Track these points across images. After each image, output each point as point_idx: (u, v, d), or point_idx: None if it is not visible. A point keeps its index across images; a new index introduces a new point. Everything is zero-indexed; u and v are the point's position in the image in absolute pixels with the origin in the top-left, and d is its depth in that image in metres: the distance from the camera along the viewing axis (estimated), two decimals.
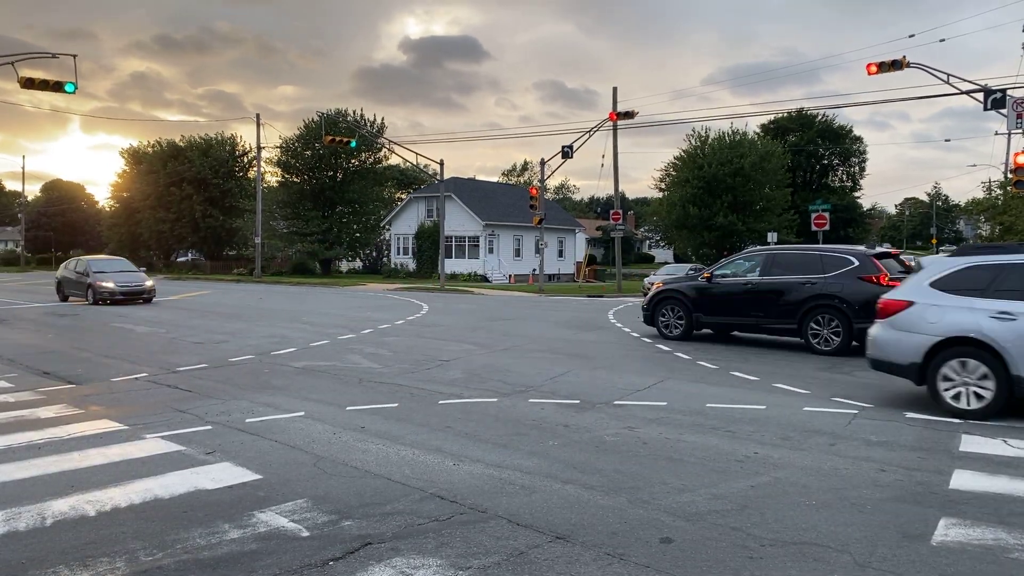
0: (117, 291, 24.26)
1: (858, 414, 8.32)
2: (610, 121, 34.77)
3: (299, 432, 7.47)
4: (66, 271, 27.02)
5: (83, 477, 5.94)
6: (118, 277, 25.00)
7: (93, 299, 24.21)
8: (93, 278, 24.54)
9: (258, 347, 13.99)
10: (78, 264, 26.42)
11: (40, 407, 8.67)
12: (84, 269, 25.37)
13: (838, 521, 5.00)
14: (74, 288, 25.72)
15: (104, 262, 26.81)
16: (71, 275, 26.17)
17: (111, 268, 25.89)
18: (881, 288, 12.63)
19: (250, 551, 4.49)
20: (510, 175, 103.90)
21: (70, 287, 26.11)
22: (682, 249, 58.48)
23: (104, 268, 25.63)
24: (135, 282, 25.13)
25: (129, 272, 26.18)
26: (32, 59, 22.08)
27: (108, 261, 27.42)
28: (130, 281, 25.01)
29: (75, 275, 25.77)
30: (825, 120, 70.49)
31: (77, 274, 25.62)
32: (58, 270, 28.42)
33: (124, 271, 26.06)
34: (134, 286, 24.84)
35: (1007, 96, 21.09)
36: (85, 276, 24.96)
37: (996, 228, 35.20)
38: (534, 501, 5.38)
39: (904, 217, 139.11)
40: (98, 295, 24.06)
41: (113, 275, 25.05)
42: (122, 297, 24.28)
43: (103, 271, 25.25)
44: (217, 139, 60.90)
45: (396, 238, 57.40)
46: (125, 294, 24.47)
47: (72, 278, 25.95)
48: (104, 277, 24.64)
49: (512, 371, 11.28)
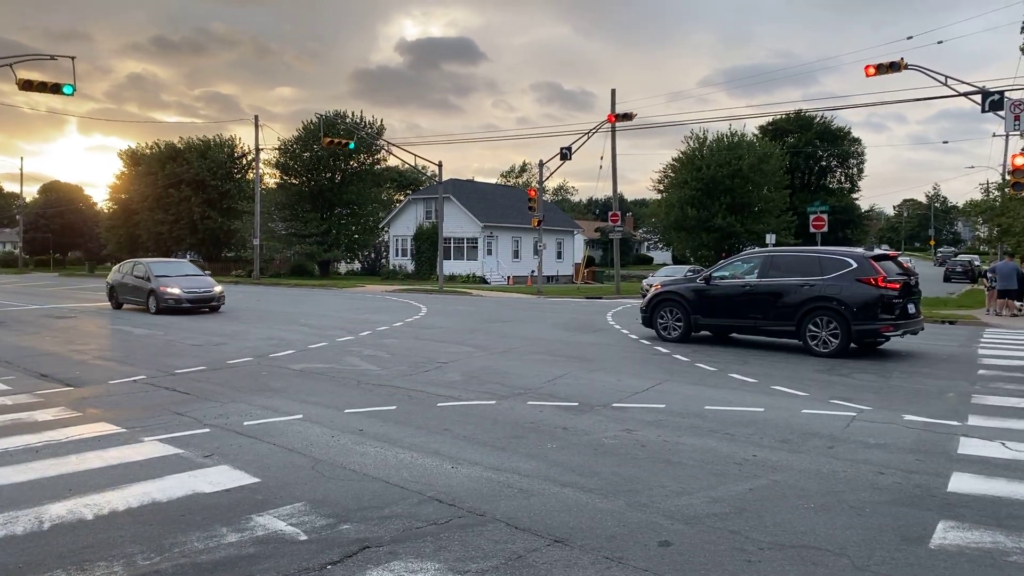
0: (184, 298, 21.58)
1: (856, 416, 8.32)
2: (608, 123, 34.79)
3: (297, 435, 7.46)
4: (120, 275, 24.11)
5: (81, 480, 5.92)
6: (184, 282, 22.21)
7: (156, 307, 21.54)
8: (156, 283, 21.83)
9: (256, 349, 13.98)
10: (135, 267, 23.54)
11: (38, 410, 8.66)
12: (144, 273, 22.59)
13: (836, 524, 5.00)
14: (131, 295, 23.06)
15: (166, 265, 23.99)
16: (128, 280, 23.40)
17: (175, 272, 23.10)
18: (880, 290, 12.66)
19: (248, 555, 4.48)
20: (509, 176, 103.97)
21: (126, 293, 23.44)
22: (680, 251, 58.52)
23: (167, 272, 22.81)
24: (203, 288, 22.36)
25: (195, 276, 23.33)
26: (29, 61, 22.07)
27: (170, 264, 24.69)
28: (197, 287, 22.25)
29: (133, 280, 23.06)
30: (823, 122, 70.68)
31: (136, 279, 22.89)
32: (110, 274, 25.51)
33: (189, 275, 23.21)
34: (203, 292, 22.13)
35: (1005, 98, 21.10)
36: (146, 281, 22.25)
37: (994, 230, 35.26)
38: (532, 504, 5.38)
39: (902, 219, 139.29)
40: (162, 303, 21.42)
41: (178, 280, 22.26)
42: (189, 305, 21.66)
43: (166, 275, 22.41)
44: (215, 141, 60.89)
45: (395, 240, 57.39)
46: (193, 302, 21.79)
47: (129, 283, 23.24)
48: (169, 282, 21.90)
49: (511, 373, 11.28)
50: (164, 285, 21.68)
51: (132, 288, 23.03)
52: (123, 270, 24.17)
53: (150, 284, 22.00)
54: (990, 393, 9.75)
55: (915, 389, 10.06)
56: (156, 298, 21.56)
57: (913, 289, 13.54)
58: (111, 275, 24.95)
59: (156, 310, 21.49)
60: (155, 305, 21.56)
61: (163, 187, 57.40)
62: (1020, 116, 20.70)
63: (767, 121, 70.46)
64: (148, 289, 22.00)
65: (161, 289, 21.56)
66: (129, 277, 23.40)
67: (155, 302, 21.59)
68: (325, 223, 52.76)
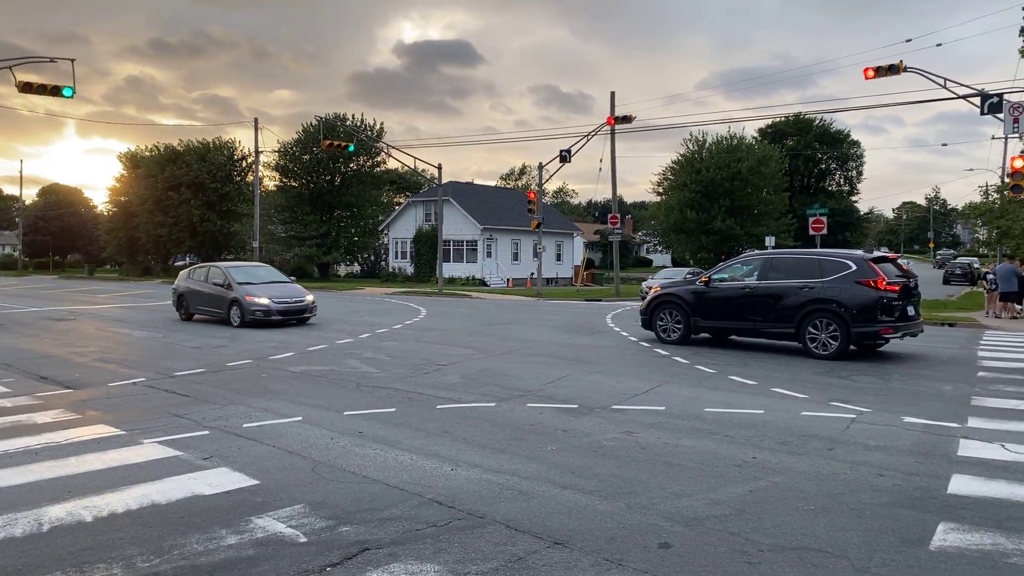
0: (274, 309, 18.58)
1: (856, 418, 8.32)
2: (608, 125, 34.82)
3: (297, 437, 7.45)
4: (192, 282, 20.96)
5: (80, 482, 5.92)
6: (271, 291, 19.17)
7: (241, 319, 18.60)
8: (240, 291, 18.83)
9: (255, 352, 13.98)
10: (211, 273, 20.40)
11: (37, 412, 8.65)
12: (224, 280, 19.52)
13: (836, 526, 4.99)
14: (206, 304, 20.01)
15: (246, 270, 20.82)
16: (202, 287, 20.31)
17: (258, 278, 20.06)
18: (879, 292, 12.67)
19: (247, 557, 4.48)
20: (508, 179, 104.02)
21: (200, 303, 20.35)
22: (680, 253, 58.55)
23: (250, 278, 19.81)
24: (294, 297, 19.36)
25: (282, 283, 20.27)
26: (27, 63, 22.07)
27: (250, 269, 21.38)
28: (288, 296, 19.25)
29: (209, 288, 19.93)
30: (822, 124, 70.78)
31: (213, 286, 19.74)
32: (177, 280, 22.03)
33: (275, 282, 20.20)
34: (294, 302, 19.13)
35: (1004, 100, 21.13)
36: (226, 289, 19.25)
37: (993, 232, 35.29)
38: (532, 506, 5.38)
39: (901, 221, 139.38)
40: (248, 315, 18.45)
41: (264, 287, 19.30)
42: (280, 318, 18.63)
43: (250, 282, 19.47)
44: (215, 144, 60.91)
45: (394, 242, 57.40)
46: (284, 313, 18.77)
47: (203, 291, 20.14)
48: (255, 291, 18.92)
49: (510, 375, 11.28)
50: (250, 294, 18.73)
51: (208, 297, 19.96)
52: (195, 276, 21.14)
53: (232, 293, 19.01)
54: (990, 395, 9.75)
55: (915, 391, 10.06)
56: (241, 309, 18.63)
57: (912, 291, 13.54)
58: (179, 281, 21.73)
59: (241, 323, 18.58)
60: (239, 317, 18.65)
61: (163, 190, 57.35)
62: (1019, 118, 20.72)
63: (766, 124, 70.64)
64: (230, 299, 19.01)
65: (247, 299, 18.59)
66: (203, 284, 20.36)
67: (239, 313, 18.68)
68: (324, 225, 52.78)
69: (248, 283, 19.32)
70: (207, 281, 20.21)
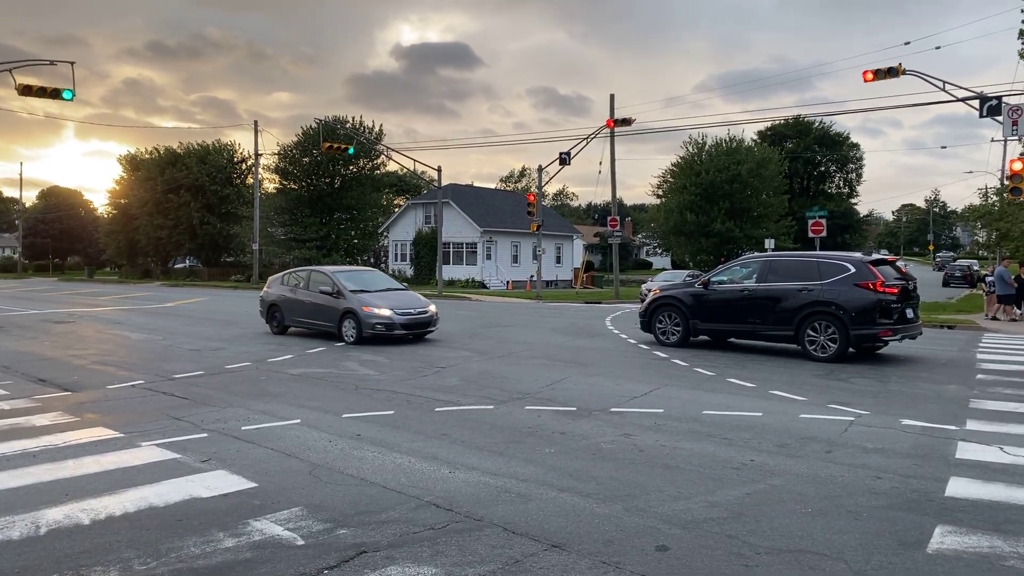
0: (397, 322, 15.58)
1: (854, 421, 8.32)
2: (607, 128, 34.85)
3: (295, 440, 7.46)
4: (287, 288, 17.67)
5: (78, 485, 5.92)
6: (390, 299, 16.25)
7: (358, 334, 15.57)
8: (354, 301, 15.85)
9: (254, 354, 13.98)
10: (313, 278, 17.20)
11: (35, 415, 8.65)
12: (331, 287, 16.38)
13: (834, 529, 4.99)
14: (309, 315, 16.88)
15: (356, 275, 17.69)
16: (303, 296, 17.09)
17: (371, 284, 17.11)
18: (878, 294, 12.67)
19: (245, 560, 4.48)
20: (508, 181, 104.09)
21: (299, 313, 17.17)
22: (680, 256, 58.56)
23: (363, 284, 16.83)
24: (417, 307, 16.37)
25: (397, 291, 17.34)
26: (25, 66, 22.07)
27: (360, 274, 18.15)
28: (410, 306, 16.26)
29: (313, 296, 16.75)
30: (822, 127, 70.82)
31: (319, 294, 16.53)
32: (267, 286, 18.62)
33: (390, 289, 17.29)
34: (418, 313, 16.13)
35: (1003, 103, 21.16)
36: (335, 298, 16.16)
37: (993, 234, 35.30)
38: (530, 509, 5.38)
39: (901, 224, 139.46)
40: (367, 328, 15.44)
41: (380, 295, 16.39)
42: (403, 332, 15.76)
43: (364, 289, 16.55)
44: (215, 146, 60.96)
45: (394, 245, 57.40)
46: (408, 327, 15.83)
47: (304, 300, 16.99)
48: (372, 299, 15.98)
49: (509, 378, 11.28)
50: (368, 304, 15.75)
51: (311, 307, 16.79)
52: (290, 282, 17.83)
53: (344, 302, 15.96)
54: (988, 398, 9.75)
55: (913, 394, 10.06)
56: (357, 322, 15.59)
57: (911, 294, 13.55)
58: (270, 288, 18.31)
59: (356, 338, 15.60)
60: (355, 331, 15.65)
61: (162, 192, 57.40)
62: (1018, 121, 20.75)
63: (765, 126, 70.71)
64: (342, 310, 15.95)
65: (365, 310, 15.57)
66: (303, 292, 17.13)
67: (354, 327, 15.66)
68: (324, 228, 52.78)
69: (362, 291, 16.40)
70: (308, 288, 17.02)
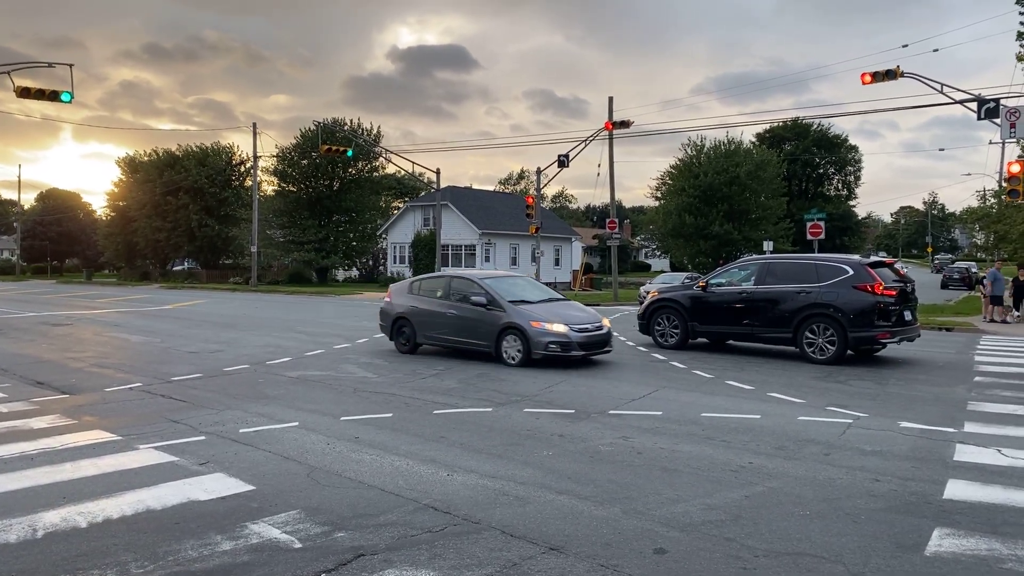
0: (575, 340, 12.56)
1: (853, 423, 8.32)
2: (606, 130, 34.88)
3: (293, 442, 7.45)
4: (421, 298, 14.48)
5: (75, 488, 5.91)
6: (558, 312, 13.15)
7: (524, 355, 12.58)
8: (517, 314, 12.80)
9: (253, 357, 13.96)
10: (456, 286, 14.08)
11: (33, 417, 8.64)
12: (484, 296, 13.23)
13: (832, 531, 4.99)
14: (454, 331, 13.64)
15: (507, 282, 14.24)
16: (443, 307, 13.90)
17: (528, 293, 13.94)
18: (876, 297, 12.68)
19: (242, 563, 4.47)
20: (507, 184, 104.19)
21: (438, 328, 13.90)
22: (678, 258, 58.55)
23: (521, 293, 13.71)
24: (592, 322, 13.22)
25: (560, 302, 14.09)
26: (24, 68, 22.05)
27: (509, 280, 14.56)
28: (584, 321, 13.10)
29: (457, 307, 13.63)
30: (820, 129, 70.87)
31: (470, 305, 13.36)
32: (391, 295, 15.25)
33: (551, 299, 14.06)
34: (595, 330, 13.05)
35: (1000, 106, 21.19)
36: (491, 311, 13.05)
37: (991, 236, 35.36)
38: (528, 512, 5.37)
39: (899, 226, 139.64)
40: (538, 347, 12.46)
41: (545, 307, 13.29)
42: (581, 353, 12.72)
43: (524, 299, 13.42)
44: (213, 148, 60.96)
45: (393, 247, 57.43)
46: (587, 346, 12.81)
47: (447, 313, 13.75)
48: (539, 312, 12.94)
49: (507, 380, 11.27)
50: (537, 318, 12.71)
51: (454, 321, 13.60)
52: (422, 290, 14.72)
53: (503, 316, 12.91)
54: (986, 400, 9.75)
55: (911, 396, 10.06)
56: (524, 340, 12.55)
57: (910, 296, 13.57)
58: (397, 298, 14.97)
59: (523, 359, 12.59)
60: (520, 351, 12.63)
61: (161, 194, 57.40)
62: (1016, 123, 20.78)
63: (764, 128, 70.75)
64: (501, 325, 12.91)
65: (535, 325, 12.56)
66: (440, 302, 14.05)
67: (521, 346, 12.63)
68: (323, 230, 52.75)
69: (522, 301, 13.35)
70: (448, 299, 13.98)
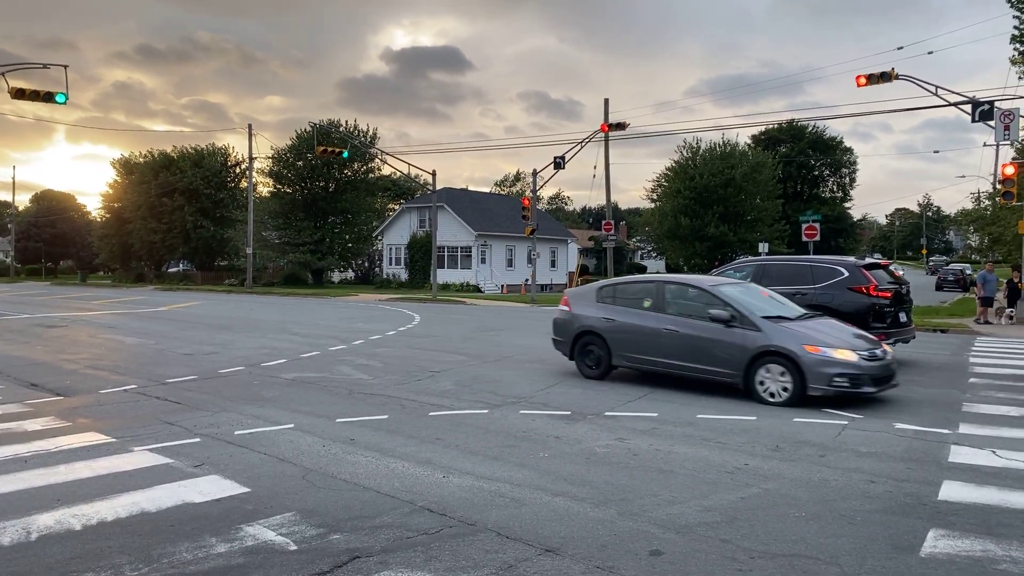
0: (867, 373, 9.44)
1: (848, 425, 8.34)
2: (602, 132, 34.93)
3: (288, 444, 7.43)
4: (617, 309, 11.49)
5: (70, 490, 5.88)
6: (827, 333, 10.05)
7: (797, 390, 9.40)
8: (782, 336, 9.74)
9: (248, 359, 13.93)
10: (675, 293, 11.20)
11: (27, 419, 8.60)
12: (724, 310, 10.13)
13: (827, 533, 5.00)
14: (677, 354, 10.52)
15: (744, 292, 11.05)
16: (655, 322, 10.86)
17: (783, 308, 10.86)
18: (871, 299, 12.71)
19: (237, 565, 4.46)
20: (502, 185, 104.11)
21: (652, 349, 10.82)
22: (674, 259, 58.60)
23: (773, 309, 10.67)
24: (873, 348, 9.87)
25: (818, 319, 10.82)
26: (18, 69, 21.96)
27: (744, 289, 11.29)
28: (869, 346, 9.86)
29: (684, 324, 10.53)
30: (815, 131, 70.99)
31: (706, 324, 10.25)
32: (571, 302, 12.42)
33: (806, 316, 10.81)
34: (881, 356, 9.77)
35: (994, 108, 21.27)
36: (732, 326, 9.99)
37: (985, 238, 35.48)
38: (524, 514, 5.37)
39: (894, 228, 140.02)
40: (821, 381, 9.31)
41: (806, 325, 10.19)
42: (873, 389, 9.52)
43: (780, 315, 10.41)
44: (209, 150, 60.86)
45: (388, 248, 57.35)
46: (879, 380, 9.60)
47: (661, 330, 10.71)
48: (811, 334, 9.83)
49: (503, 382, 11.27)
50: (814, 342, 9.62)
51: (679, 341, 10.51)
52: (621, 296, 11.73)
53: (758, 336, 9.83)
54: (981, 401, 9.78)
55: (906, 397, 10.08)
56: (796, 370, 9.44)
57: (904, 298, 13.60)
58: (575, 306, 12.24)
59: (794, 397, 9.46)
60: (792, 385, 9.50)
61: (156, 196, 57.25)
62: (1010, 125, 20.86)
63: (759, 130, 70.86)
64: (755, 349, 9.79)
65: (811, 351, 9.45)
66: (652, 315, 11.01)
67: (791, 379, 9.50)
68: (319, 232, 52.69)
69: (779, 317, 10.36)
70: (664, 311, 10.97)
